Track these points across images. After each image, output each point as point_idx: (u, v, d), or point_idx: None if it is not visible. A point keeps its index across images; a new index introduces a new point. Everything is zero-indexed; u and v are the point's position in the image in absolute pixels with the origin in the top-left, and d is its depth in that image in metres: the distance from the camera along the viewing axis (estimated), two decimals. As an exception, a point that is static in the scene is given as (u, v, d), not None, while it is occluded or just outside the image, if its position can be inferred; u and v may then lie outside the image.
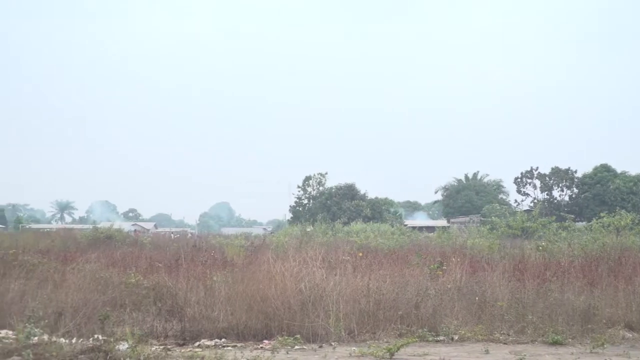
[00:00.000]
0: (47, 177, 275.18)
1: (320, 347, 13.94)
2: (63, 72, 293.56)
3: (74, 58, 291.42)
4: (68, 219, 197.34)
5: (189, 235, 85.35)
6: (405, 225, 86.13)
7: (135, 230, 77.32)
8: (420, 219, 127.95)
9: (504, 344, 14.53)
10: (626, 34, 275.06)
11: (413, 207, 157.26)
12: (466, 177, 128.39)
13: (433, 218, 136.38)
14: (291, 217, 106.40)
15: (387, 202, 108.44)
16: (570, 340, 14.79)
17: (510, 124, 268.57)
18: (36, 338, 12.27)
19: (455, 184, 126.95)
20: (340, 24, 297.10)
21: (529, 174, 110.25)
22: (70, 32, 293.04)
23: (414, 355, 13.08)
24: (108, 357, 11.40)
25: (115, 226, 62.86)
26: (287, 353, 13.28)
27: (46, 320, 13.59)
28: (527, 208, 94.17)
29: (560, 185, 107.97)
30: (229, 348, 13.70)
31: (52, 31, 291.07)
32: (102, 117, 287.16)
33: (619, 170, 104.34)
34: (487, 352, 13.58)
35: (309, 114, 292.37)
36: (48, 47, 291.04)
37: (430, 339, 14.68)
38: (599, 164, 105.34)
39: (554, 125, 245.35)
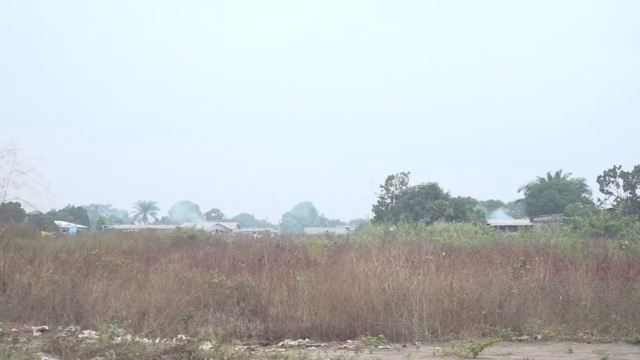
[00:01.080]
0: (130, 178, 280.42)
1: (404, 346, 13.83)
2: (147, 73, 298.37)
3: (160, 62, 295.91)
4: (151, 219, 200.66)
5: (272, 235, 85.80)
6: (488, 224, 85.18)
7: (216, 230, 78.06)
8: (502, 218, 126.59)
9: (587, 343, 14.28)
10: None
11: (495, 205, 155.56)
12: (549, 175, 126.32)
13: (515, 217, 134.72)
14: (374, 217, 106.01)
15: (470, 201, 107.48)
16: (654, 339, 14.43)
17: (593, 123, 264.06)
18: (119, 338, 12.38)
19: (538, 182, 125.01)
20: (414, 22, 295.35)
21: (611, 173, 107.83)
22: (151, 39, 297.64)
23: (498, 355, 12.92)
24: (191, 357, 11.41)
25: (198, 226, 63.50)
26: (371, 353, 13.20)
27: (129, 321, 13.75)
28: (610, 207, 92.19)
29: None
30: (313, 348, 13.67)
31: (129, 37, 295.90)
32: (187, 119, 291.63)
33: None
34: (570, 351, 13.32)
35: (392, 113, 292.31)
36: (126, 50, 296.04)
37: (514, 338, 14.53)
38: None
39: (638, 124, 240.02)
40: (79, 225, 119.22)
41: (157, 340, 12.55)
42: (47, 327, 14.94)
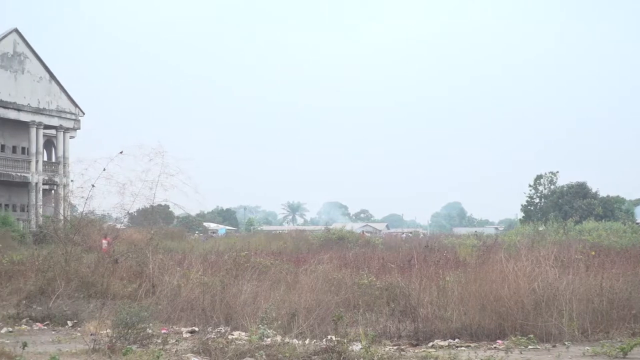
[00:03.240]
0: (279, 179, 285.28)
1: (554, 346, 13.76)
2: (302, 75, 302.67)
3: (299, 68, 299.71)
4: (299, 220, 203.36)
5: (421, 235, 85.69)
6: (637, 223, 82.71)
7: (362, 232, 78.60)
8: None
9: None
10: None
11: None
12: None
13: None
14: (523, 216, 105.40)
15: (619, 200, 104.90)
16: None
17: None
18: (269, 339, 12.56)
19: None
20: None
21: None
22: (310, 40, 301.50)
23: (647, 355, 12.68)
24: (341, 358, 11.44)
25: (347, 227, 63.93)
26: (521, 353, 13.16)
27: (279, 322, 13.94)
28: None
29: None
30: (462, 348, 13.67)
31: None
32: (336, 122, 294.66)
33: None
34: None
35: (541, 113, 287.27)
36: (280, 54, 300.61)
37: (665, 337, 14.16)
38: None
39: None
40: (227, 227, 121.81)
41: (306, 341, 12.69)
42: (196, 329, 15.35)
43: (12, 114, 61.19)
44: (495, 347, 13.64)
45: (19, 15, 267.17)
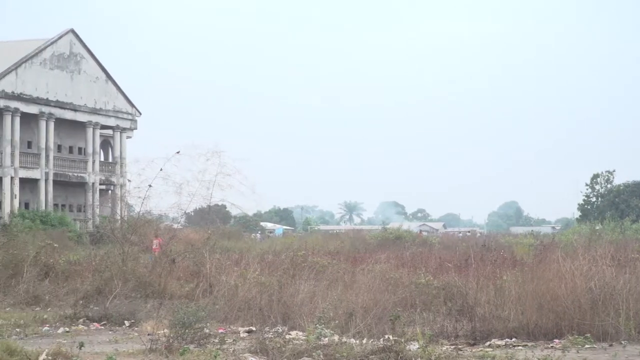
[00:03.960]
0: (335, 179, 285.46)
1: (610, 345, 13.77)
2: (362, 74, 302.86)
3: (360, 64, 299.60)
4: (356, 219, 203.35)
5: (478, 234, 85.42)
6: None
7: (420, 231, 78.37)
8: None
9: None
10: None
11: None
12: None
13: None
14: (579, 216, 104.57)
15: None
16: None
17: None
18: (326, 339, 12.68)
19: None
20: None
21: None
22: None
23: None
24: (399, 358, 11.53)
25: (404, 227, 63.92)
26: (578, 352, 13.18)
27: (336, 321, 14.04)
28: None
29: None
30: (520, 348, 13.70)
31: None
32: (396, 120, 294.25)
33: None
34: None
35: (599, 112, 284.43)
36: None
37: None
38: None
39: None
40: (284, 227, 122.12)
41: (364, 341, 12.77)
42: (253, 328, 15.50)
43: (68, 114, 61.98)
44: (552, 347, 13.69)
45: (76, 15, 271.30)
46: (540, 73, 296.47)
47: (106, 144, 70.95)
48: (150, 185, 23.48)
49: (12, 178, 56.56)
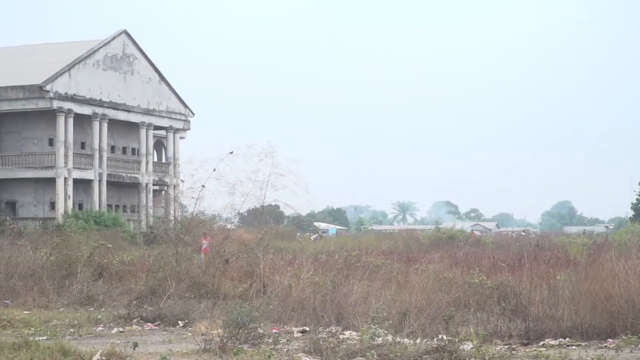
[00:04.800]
0: (389, 179, 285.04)
1: None
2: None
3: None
4: (410, 219, 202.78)
5: (531, 234, 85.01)
6: None
7: (472, 230, 78.01)
8: None
9: None
10: None
11: None
12: None
13: None
14: (633, 215, 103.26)
15: None
16: None
17: None
18: (380, 339, 12.79)
19: None
20: None
21: None
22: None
23: None
24: (453, 357, 11.61)
25: (457, 227, 63.81)
26: (631, 352, 13.12)
27: (390, 321, 14.11)
28: None
29: None
30: (573, 347, 13.68)
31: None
32: (445, 119, 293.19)
33: None
34: None
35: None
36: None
37: None
38: None
39: None
40: (338, 227, 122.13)
41: (417, 341, 12.88)
42: (307, 328, 15.65)
43: (121, 115, 62.59)
44: (605, 346, 13.65)
45: (130, 15, 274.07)
46: (593, 71, 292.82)
47: (159, 144, 71.67)
48: (203, 186, 23.75)
49: (65, 179, 57.30)
